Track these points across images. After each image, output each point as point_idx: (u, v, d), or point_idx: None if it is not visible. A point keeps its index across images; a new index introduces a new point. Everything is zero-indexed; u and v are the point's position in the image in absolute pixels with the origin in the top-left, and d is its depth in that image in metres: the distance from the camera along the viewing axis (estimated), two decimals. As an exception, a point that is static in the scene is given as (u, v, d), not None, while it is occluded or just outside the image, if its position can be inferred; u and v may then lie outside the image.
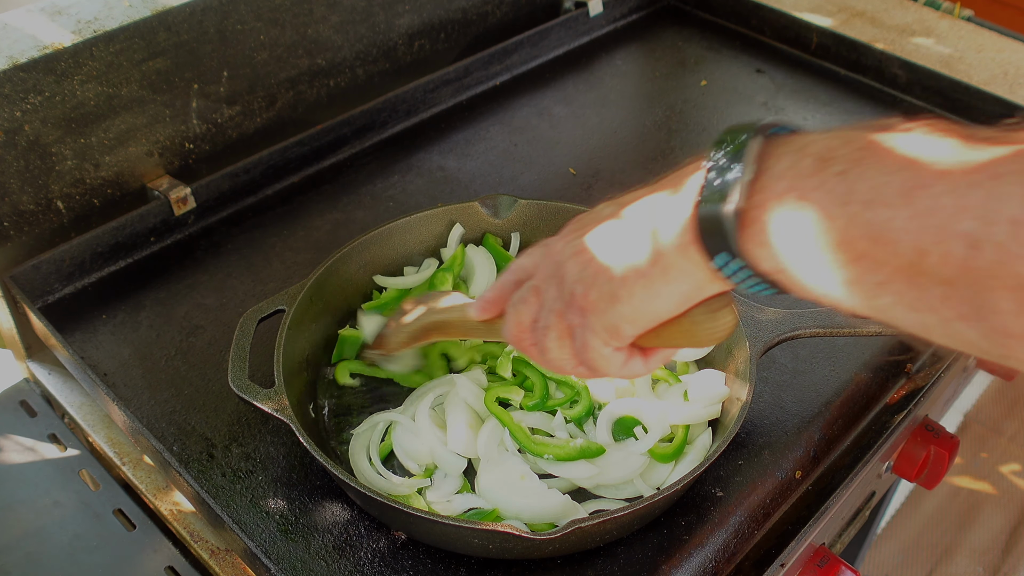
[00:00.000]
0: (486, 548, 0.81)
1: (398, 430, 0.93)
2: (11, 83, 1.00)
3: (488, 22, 1.53)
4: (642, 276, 0.61)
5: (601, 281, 0.64)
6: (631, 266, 0.62)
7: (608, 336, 0.66)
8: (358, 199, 1.26)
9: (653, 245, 0.60)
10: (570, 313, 0.67)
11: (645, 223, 0.62)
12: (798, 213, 0.52)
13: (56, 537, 0.93)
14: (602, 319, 0.65)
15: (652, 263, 0.61)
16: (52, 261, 1.08)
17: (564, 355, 0.70)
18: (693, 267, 0.59)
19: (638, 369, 0.70)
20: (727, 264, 0.56)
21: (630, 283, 0.62)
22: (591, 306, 0.65)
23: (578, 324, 0.67)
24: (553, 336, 0.70)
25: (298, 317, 0.95)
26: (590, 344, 0.67)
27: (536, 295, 0.71)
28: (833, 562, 0.91)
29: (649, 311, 0.63)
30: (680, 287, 0.61)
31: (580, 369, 0.71)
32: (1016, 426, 2.49)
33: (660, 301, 0.62)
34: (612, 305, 0.63)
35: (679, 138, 1.39)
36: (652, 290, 0.61)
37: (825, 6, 1.68)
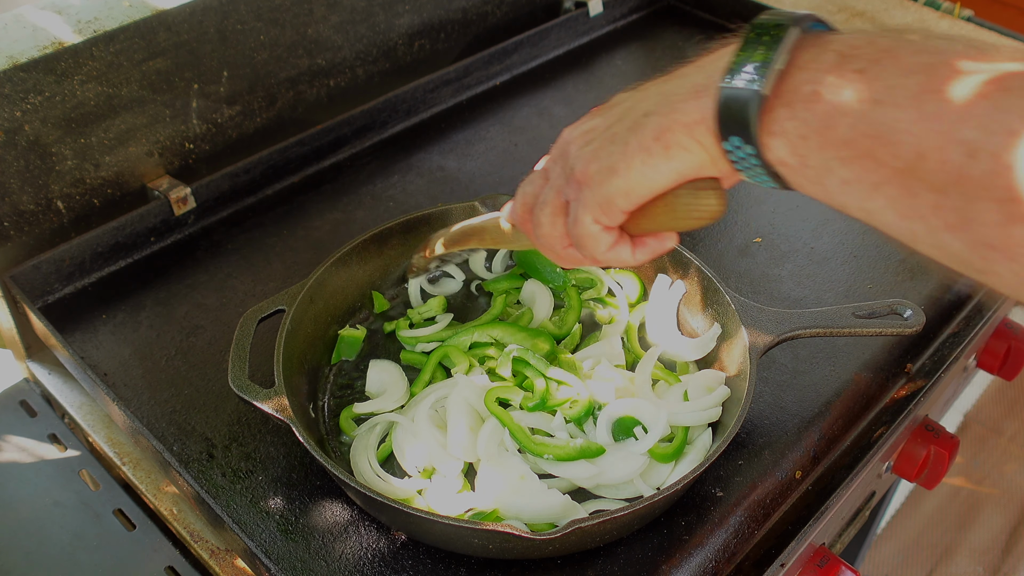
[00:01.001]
0: (486, 548, 0.81)
1: (398, 431, 0.93)
2: (11, 83, 1.00)
3: (488, 22, 1.53)
4: (644, 150, 0.62)
5: (602, 155, 0.65)
6: (635, 140, 0.62)
7: (600, 211, 0.66)
8: (358, 199, 1.26)
9: (661, 121, 0.61)
10: (568, 188, 0.68)
11: (656, 100, 0.63)
12: (815, 106, 0.53)
13: (56, 537, 0.93)
14: (597, 192, 0.65)
15: (656, 138, 0.61)
16: (52, 261, 1.08)
17: (556, 232, 0.71)
18: (698, 146, 0.60)
19: (625, 256, 0.71)
20: (737, 148, 0.57)
21: (630, 156, 0.63)
22: (588, 179, 0.66)
23: (573, 198, 0.68)
24: (548, 211, 0.71)
25: (298, 317, 0.95)
26: (581, 219, 0.67)
27: (543, 176, 0.72)
28: (833, 562, 0.91)
29: (643, 185, 0.63)
30: (680, 164, 0.61)
31: (569, 251, 0.72)
32: (1016, 426, 2.49)
33: (657, 176, 0.62)
34: (609, 178, 0.64)
35: (679, 138, 1.39)
36: (651, 164, 0.62)
37: (825, 6, 1.68)
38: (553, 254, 0.75)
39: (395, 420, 0.93)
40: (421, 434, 0.91)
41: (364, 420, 0.96)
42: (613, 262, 0.71)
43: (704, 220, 0.67)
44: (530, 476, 0.87)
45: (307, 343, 0.98)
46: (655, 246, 0.72)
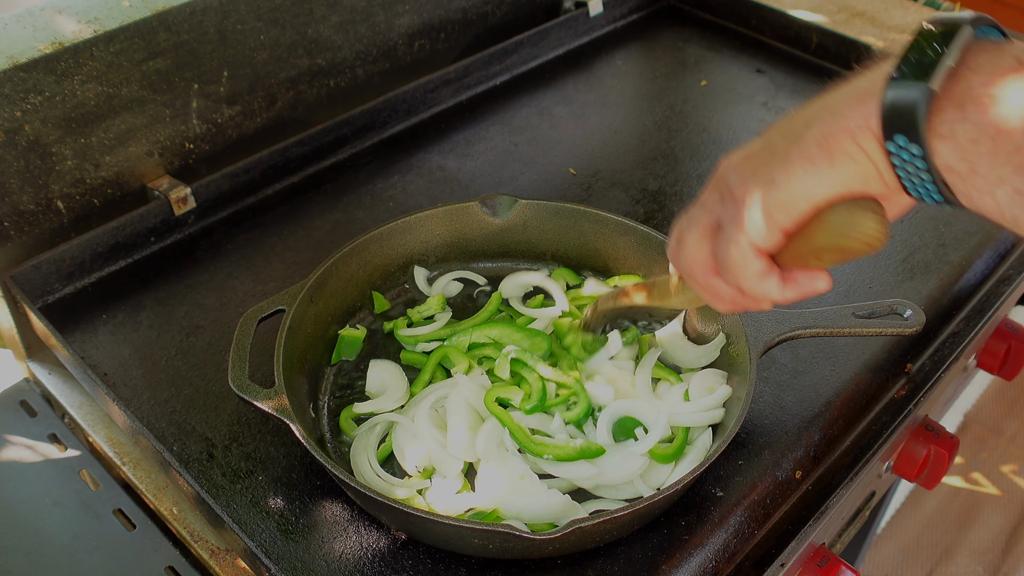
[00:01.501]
0: (486, 548, 0.81)
1: (398, 431, 0.93)
2: (11, 83, 1.00)
3: (488, 22, 1.53)
4: (806, 158, 0.59)
5: (761, 171, 0.62)
6: (796, 150, 0.59)
7: (756, 228, 0.62)
8: (358, 199, 1.26)
9: (823, 128, 0.58)
10: (722, 208, 0.65)
11: (817, 109, 0.60)
12: (990, 109, 0.51)
13: (56, 537, 0.93)
14: (755, 209, 0.62)
15: (819, 144, 0.58)
16: (52, 261, 1.08)
17: (701, 255, 0.67)
18: (863, 155, 0.57)
19: (772, 289, 0.66)
20: (902, 149, 0.54)
21: (791, 166, 0.59)
22: (746, 195, 0.62)
23: (728, 218, 0.64)
24: (695, 232, 0.67)
25: (298, 317, 0.95)
26: (733, 238, 0.64)
27: (699, 205, 0.69)
28: (833, 562, 0.91)
29: (804, 196, 0.60)
30: (843, 173, 0.58)
31: (714, 280, 0.68)
32: (1016, 426, 2.49)
33: (819, 186, 0.59)
34: (768, 190, 0.61)
35: (679, 138, 1.39)
36: (813, 173, 0.59)
37: (825, 6, 1.68)
38: (697, 285, 0.71)
39: (395, 420, 0.93)
40: (421, 434, 0.91)
41: (364, 420, 0.96)
42: (759, 296, 0.67)
43: (862, 246, 0.61)
44: (530, 476, 0.87)
45: (307, 343, 0.98)
46: (804, 283, 0.67)
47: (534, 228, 1.10)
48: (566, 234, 1.10)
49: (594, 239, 1.09)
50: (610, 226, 1.07)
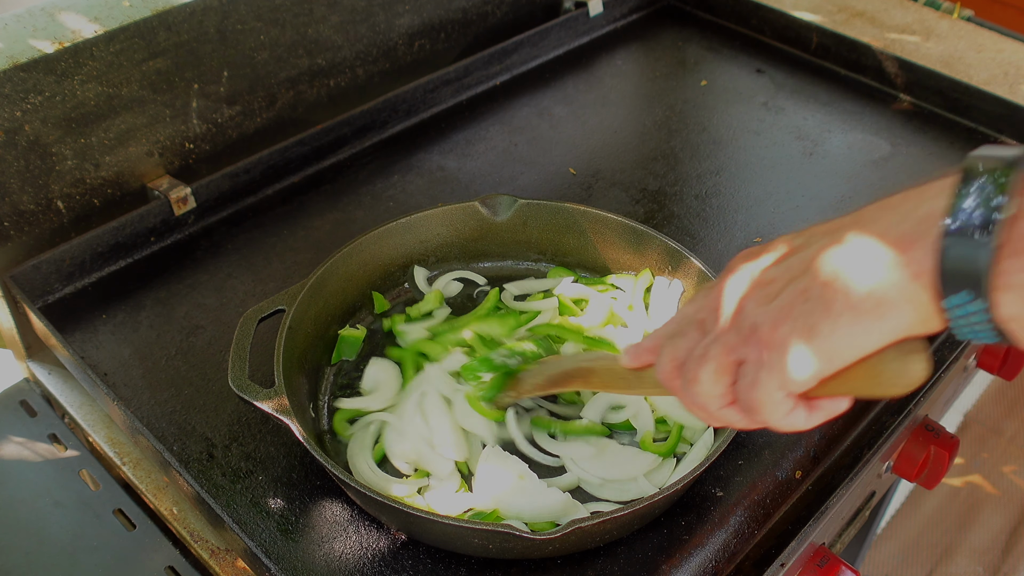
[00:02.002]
0: (486, 548, 0.81)
1: (389, 431, 0.93)
2: (11, 83, 1.00)
3: (488, 22, 1.53)
4: (851, 308, 0.55)
5: (797, 314, 0.57)
6: (838, 297, 0.55)
7: (791, 376, 0.58)
8: (358, 199, 1.26)
9: (870, 274, 0.54)
10: (745, 347, 0.61)
11: (859, 251, 0.55)
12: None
13: (56, 537, 0.93)
14: (789, 356, 0.57)
15: (867, 295, 0.54)
16: (52, 261, 1.08)
17: (716, 391, 0.64)
18: (914, 303, 0.53)
19: (798, 422, 0.63)
20: (963, 304, 0.51)
21: (835, 316, 0.55)
22: (778, 342, 0.58)
23: (753, 360, 0.60)
24: (710, 368, 0.63)
25: (298, 317, 0.95)
26: (762, 384, 0.60)
27: (699, 328, 0.65)
28: (833, 562, 0.91)
29: (849, 350, 0.56)
30: (893, 324, 0.54)
31: (727, 412, 0.65)
32: (1016, 426, 2.49)
33: (867, 340, 0.55)
34: (808, 340, 0.56)
35: (679, 138, 1.39)
36: (861, 325, 0.55)
37: (825, 6, 1.68)
38: (704, 413, 0.67)
39: (385, 419, 0.93)
40: (407, 432, 0.92)
41: (357, 420, 0.96)
42: (783, 428, 0.63)
43: (906, 387, 0.58)
44: (529, 475, 0.87)
45: (307, 343, 0.98)
46: (829, 408, 0.64)
47: (534, 228, 1.10)
48: (566, 234, 1.10)
49: (594, 239, 1.09)
50: (610, 226, 1.07)
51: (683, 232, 1.21)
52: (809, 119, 1.44)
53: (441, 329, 1.03)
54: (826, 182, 1.31)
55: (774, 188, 1.29)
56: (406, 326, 1.04)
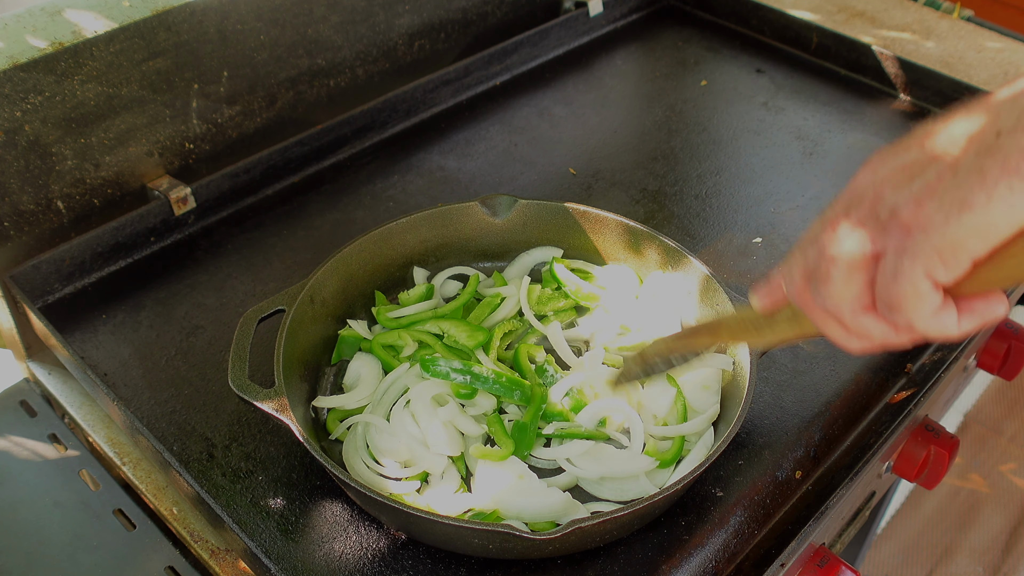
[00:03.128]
0: (486, 548, 0.81)
1: (372, 432, 0.93)
2: (11, 83, 1.00)
3: (488, 22, 1.53)
4: (1011, 173, 0.49)
5: (944, 188, 0.51)
6: (993, 164, 0.49)
7: (941, 259, 0.52)
8: (358, 199, 1.26)
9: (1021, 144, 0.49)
10: (886, 235, 0.54)
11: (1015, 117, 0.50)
12: None
13: (56, 537, 0.93)
14: (938, 236, 0.51)
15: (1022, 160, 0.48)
16: (52, 261, 1.08)
17: (851, 291, 0.57)
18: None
19: (949, 323, 0.56)
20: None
21: (991, 184, 0.49)
22: (924, 221, 0.52)
23: (894, 247, 0.54)
24: (843, 264, 0.56)
25: (298, 317, 0.95)
26: (908, 273, 0.53)
27: (831, 228, 0.58)
28: (833, 562, 0.91)
29: (1009, 218, 0.50)
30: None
31: (864, 318, 0.58)
32: (1016, 426, 2.49)
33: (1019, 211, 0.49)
34: (960, 214, 0.50)
35: (679, 138, 1.39)
36: (1020, 193, 0.49)
37: (825, 6, 1.68)
38: (835, 327, 0.61)
39: (368, 420, 0.93)
40: (397, 432, 0.92)
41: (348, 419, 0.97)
42: (931, 331, 0.57)
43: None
44: (529, 475, 0.87)
45: (307, 343, 0.98)
46: (983, 311, 0.57)
47: (534, 228, 1.10)
48: (566, 234, 1.10)
49: (594, 239, 1.09)
50: (610, 226, 1.07)
51: (683, 232, 1.21)
52: (809, 119, 1.43)
53: (419, 318, 1.03)
54: (826, 182, 1.31)
55: (774, 188, 1.29)
56: (391, 314, 1.04)
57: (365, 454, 0.92)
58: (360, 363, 1.00)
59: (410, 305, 1.05)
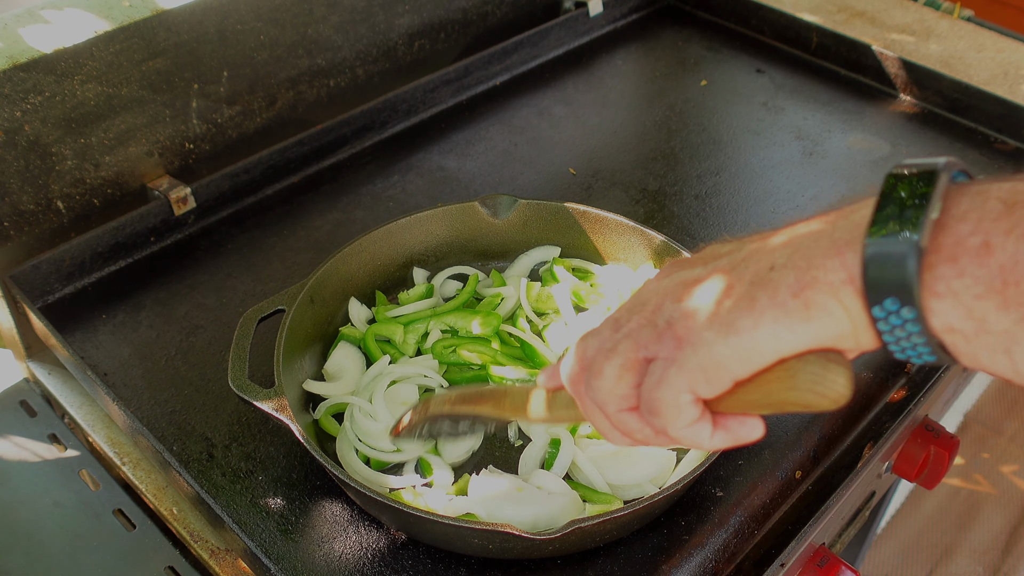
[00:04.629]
0: (486, 548, 0.81)
1: (356, 414, 0.93)
2: (11, 83, 1.00)
3: (488, 22, 1.53)
4: (778, 306, 0.51)
5: (717, 309, 0.54)
6: (764, 296, 0.52)
7: (703, 376, 0.54)
8: (358, 199, 1.26)
9: (799, 276, 0.51)
10: (658, 344, 0.57)
11: (785, 254, 0.53)
12: (986, 260, 0.46)
13: (56, 537, 0.93)
14: (703, 353, 0.54)
15: (794, 294, 0.51)
16: (52, 261, 1.08)
17: (619, 390, 0.59)
18: (842, 311, 0.50)
19: (702, 437, 0.58)
20: (892, 314, 0.48)
21: (758, 313, 0.52)
22: (693, 337, 0.54)
23: (664, 357, 0.56)
24: (615, 363, 0.59)
25: (298, 317, 0.95)
26: (671, 383, 0.56)
27: (612, 327, 0.61)
28: (833, 562, 0.91)
29: (770, 349, 0.52)
30: (818, 329, 0.51)
31: (624, 416, 0.60)
32: (1016, 426, 2.49)
33: (789, 340, 0.52)
34: (725, 336, 0.53)
35: (679, 138, 1.39)
36: (785, 325, 0.51)
37: (825, 6, 1.68)
38: (600, 419, 0.62)
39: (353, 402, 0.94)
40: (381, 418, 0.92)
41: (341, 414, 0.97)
42: (684, 440, 0.59)
43: (830, 403, 0.53)
44: (527, 488, 0.87)
45: (307, 343, 0.98)
46: (738, 431, 0.59)
47: (534, 228, 1.10)
48: (566, 234, 1.10)
49: (594, 239, 1.09)
50: (610, 226, 1.07)
51: (683, 232, 1.21)
52: (809, 119, 1.43)
53: (419, 317, 1.03)
54: (826, 182, 1.31)
55: (774, 188, 1.29)
56: (390, 312, 1.04)
57: (364, 448, 0.92)
58: (343, 354, 1.00)
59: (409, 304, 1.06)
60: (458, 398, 0.78)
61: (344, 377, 0.98)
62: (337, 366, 0.99)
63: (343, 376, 0.98)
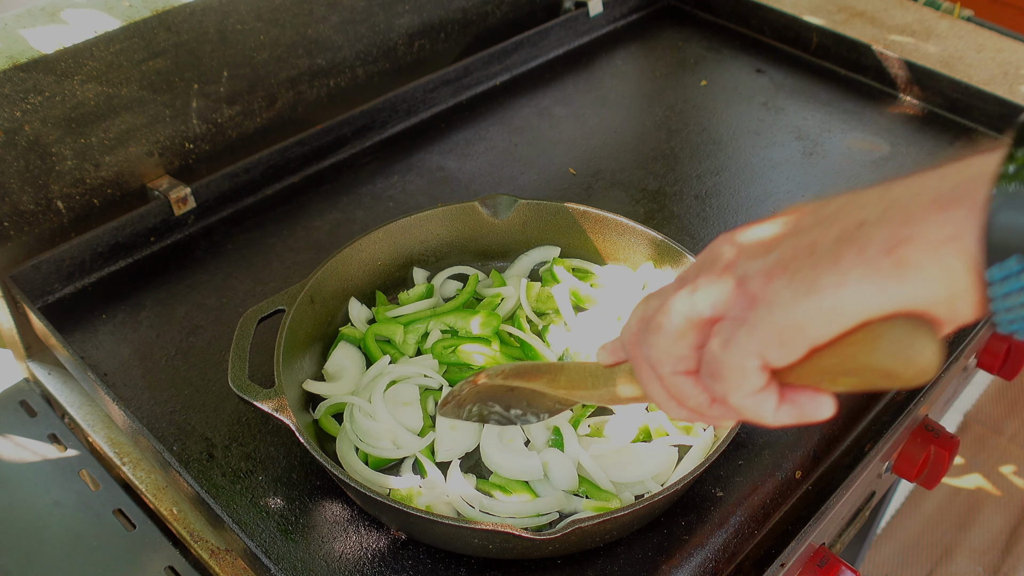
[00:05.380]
0: (486, 548, 0.81)
1: (356, 414, 0.93)
2: (11, 83, 1.00)
3: (488, 22, 1.53)
4: (866, 263, 0.46)
5: (797, 266, 0.48)
6: (851, 252, 0.47)
7: (777, 339, 0.49)
8: (358, 199, 1.26)
9: (894, 232, 0.46)
10: (728, 301, 0.52)
11: (879, 208, 0.48)
12: None
13: (56, 537, 0.93)
14: (779, 313, 0.49)
15: (887, 251, 0.46)
16: (52, 261, 1.08)
17: (677, 349, 0.54)
18: (940, 272, 0.45)
19: (766, 409, 0.53)
20: (1012, 276, 0.43)
21: (844, 270, 0.47)
22: (769, 295, 0.49)
23: (733, 317, 0.51)
24: (677, 319, 0.54)
25: (298, 317, 0.95)
26: (737, 344, 0.51)
27: (678, 284, 0.56)
28: (833, 562, 0.91)
29: (854, 309, 0.47)
30: (911, 291, 0.46)
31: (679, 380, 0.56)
32: (1016, 426, 2.49)
33: (877, 299, 0.46)
34: (805, 295, 0.48)
35: (679, 138, 1.39)
36: (873, 283, 0.46)
37: (825, 6, 1.68)
38: (653, 383, 0.58)
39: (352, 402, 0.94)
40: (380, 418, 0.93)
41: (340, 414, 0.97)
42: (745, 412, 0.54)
43: (914, 375, 0.47)
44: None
45: (307, 343, 0.98)
46: (806, 406, 0.53)
47: (534, 228, 1.10)
48: (566, 234, 1.10)
49: (594, 239, 1.09)
50: (610, 226, 1.07)
51: (683, 232, 1.21)
52: (809, 119, 1.43)
53: (418, 317, 1.03)
54: (826, 182, 1.31)
55: (774, 188, 1.29)
56: (390, 313, 1.04)
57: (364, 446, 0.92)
58: (343, 354, 1.00)
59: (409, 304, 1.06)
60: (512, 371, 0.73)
61: (344, 377, 0.98)
62: (337, 366, 0.99)
63: (343, 376, 0.98)
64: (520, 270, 1.11)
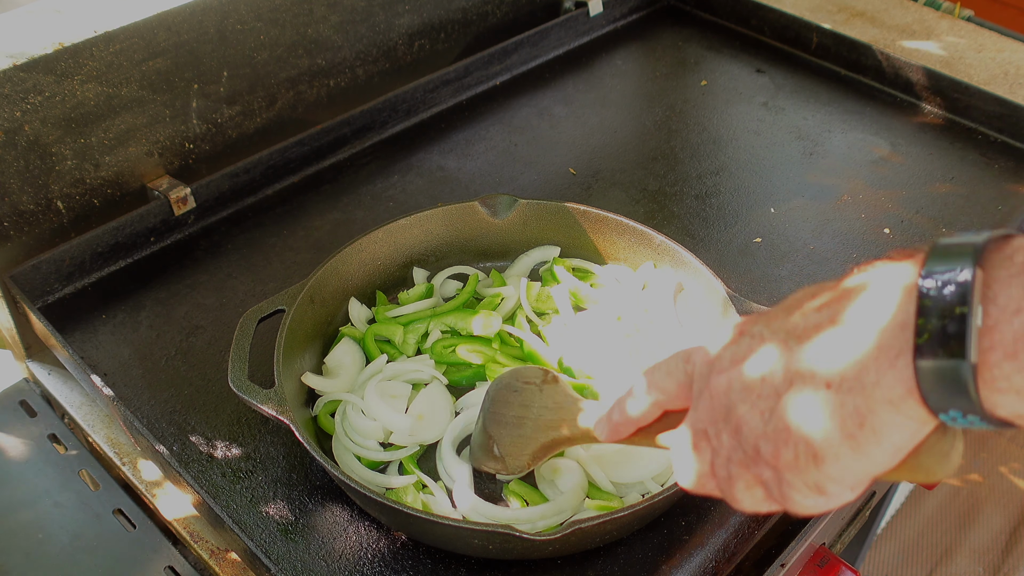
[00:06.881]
0: (486, 548, 0.81)
1: (349, 411, 0.93)
2: (11, 83, 1.00)
3: (488, 22, 1.53)
4: (849, 438, 0.52)
5: (794, 441, 0.55)
6: (831, 428, 0.53)
7: (813, 492, 0.55)
8: (358, 199, 1.26)
9: (857, 403, 0.51)
10: (757, 467, 0.58)
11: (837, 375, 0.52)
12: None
13: (56, 537, 0.93)
14: (802, 477, 0.55)
15: (860, 424, 0.51)
16: (52, 261, 1.08)
17: (758, 498, 0.61)
18: (908, 420, 0.50)
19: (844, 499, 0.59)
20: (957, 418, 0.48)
21: (834, 445, 0.53)
22: (786, 465, 0.56)
23: (771, 479, 0.58)
24: (741, 487, 0.60)
25: (298, 317, 0.95)
26: (791, 497, 0.57)
27: (705, 440, 0.62)
28: (833, 562, 0.91)
29: (861, 473, 0.53)
30: (896, 442, 0.51)
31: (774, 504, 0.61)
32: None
33: (875, 462, 0.53)
34: (815, 466, 0.54)
35: (679, 138, 1.39)
36: (863, 453, 0.52)
37: (825, 6, 1.68)
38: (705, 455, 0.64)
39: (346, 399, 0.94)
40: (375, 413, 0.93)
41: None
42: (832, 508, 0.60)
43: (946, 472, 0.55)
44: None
45: (307, 343, 0.98)
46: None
47: (534, 228, 1.10)
48: (566, 234, 1.10)
49: (594, 239, 1.09)
50: (610, 226, 1.07)
51: (683, 232, 1.21)
52: (809, 119, 1.43)
53: (418, 317, 1.03)
54: (826, 182, 1.31)
55: (774, 188, 1.29)
56: (390, 312, 1.04)
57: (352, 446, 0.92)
58: (344, 351, 1.00)
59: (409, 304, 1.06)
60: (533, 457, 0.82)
61: (342, 374, 0.98)
62: (337, 362, 0.99)
63: (341, 373, 0.98)
64: (520, 270, 1.11)
